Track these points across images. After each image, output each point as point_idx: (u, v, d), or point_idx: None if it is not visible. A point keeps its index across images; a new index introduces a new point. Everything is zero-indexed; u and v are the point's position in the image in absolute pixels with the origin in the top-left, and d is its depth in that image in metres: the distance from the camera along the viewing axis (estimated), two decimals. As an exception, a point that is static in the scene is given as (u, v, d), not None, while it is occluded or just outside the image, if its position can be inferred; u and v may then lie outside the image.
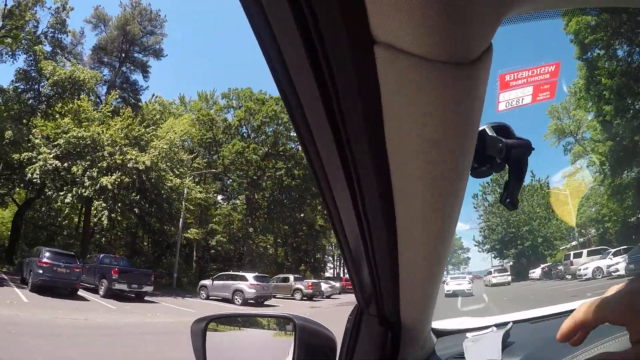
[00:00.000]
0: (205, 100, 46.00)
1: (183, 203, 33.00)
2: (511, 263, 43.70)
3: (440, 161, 0.47)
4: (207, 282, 25.28)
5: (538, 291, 24.15)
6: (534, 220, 41.72)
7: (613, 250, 23.73)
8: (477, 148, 0.53)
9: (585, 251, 27.79)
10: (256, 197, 45.16)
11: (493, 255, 47.46)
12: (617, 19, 24.29)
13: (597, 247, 28.26)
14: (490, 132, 0.57)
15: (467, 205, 50.09)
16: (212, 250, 41.97)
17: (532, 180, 42.80)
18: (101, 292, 18.79)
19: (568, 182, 39.10)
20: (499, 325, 1.38)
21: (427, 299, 0.85)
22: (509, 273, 34.54)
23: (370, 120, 0.44)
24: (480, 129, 0.55)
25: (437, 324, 1.55)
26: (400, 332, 0.90)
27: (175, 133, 34.86)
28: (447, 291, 24.14)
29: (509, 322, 1.37)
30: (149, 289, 20.40)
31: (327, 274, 49.68)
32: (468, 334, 1.38)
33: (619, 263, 21.20)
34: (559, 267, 30.18)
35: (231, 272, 25.57)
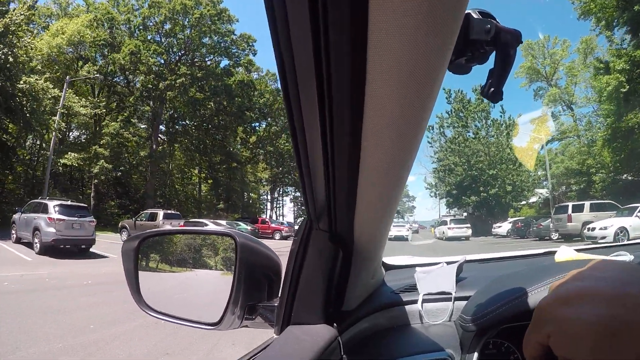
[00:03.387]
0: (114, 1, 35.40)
1: (57, 117, 25.18)
2: (465, 214, 34.90)
3: (421, 45, 0.40)
4: (16, 216, 16.20)
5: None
6: (501, 163, 32.58)
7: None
8: (459, 34, 0.47)
9: (587, 204, 20.81)
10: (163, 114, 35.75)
11: (446, 202, 38.47)
12: None
13: (601, 201, 21.77)
14: (476, 16, 0.52)
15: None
16: (96, 181, 32.87)
17: (502, 116, 33.85)
18: None
19: (537, 129, 33.91)
20: (449, 263, 1.35)
21: (382, 220, 0.79)
22: (468, 225, 26.39)
23: (354, 10, 0.38)
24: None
25: (385, 260, 1.49)
26: (352, 254, 0.84)
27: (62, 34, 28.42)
28: (389, 236, 20.75)
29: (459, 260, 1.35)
30: None
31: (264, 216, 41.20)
32: (418, 268, 1.35)
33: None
34: (542, 224, 21.46)
35: (39, 200, 15.93)
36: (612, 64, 23.23)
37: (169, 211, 21.44)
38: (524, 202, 35.13)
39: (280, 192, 52.90)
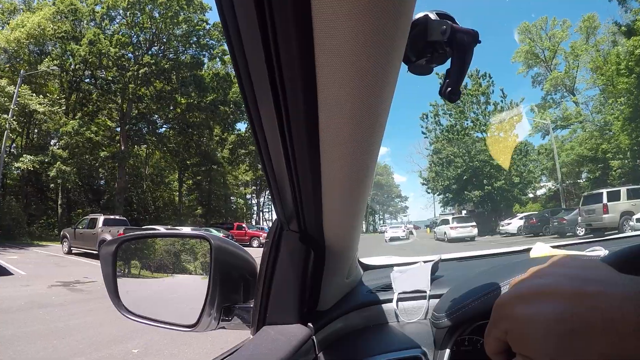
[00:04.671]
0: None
1: (9, 115, 23.33)
2: (464, 211, 31.42)
3: (368, 48, 0.40)
4: None
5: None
6: (506, 152, 29.60)
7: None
8: (417, 35, 0.49)
9: (624, 190, 17.54)
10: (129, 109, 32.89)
11: (441, 200, 34.88)
12: None
13: (637, 186, 18.27)
14: (433, 17, 0.53)
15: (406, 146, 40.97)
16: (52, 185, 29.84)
17: (502, 100, 31.36)
18: None
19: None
20: (426, 262, 1.38)
21: (351, 221, 0.82)
22: (474, 224, 23.63)
23: (298, 15, 0.38)
24: (422, 14, 0.53)
25: (363, 260, 1.55)
26: (324, 255, 0.87)
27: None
28: (387, 238, 27.43)
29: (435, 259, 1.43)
30: None
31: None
32: (395, 268, 1.36)
33: None
34: (566, 218, 18.23)
35: None
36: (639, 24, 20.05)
37: (111, 216, 18.92)
38: (531, 195, 32.43)
39: (269, 196, 49.60)
